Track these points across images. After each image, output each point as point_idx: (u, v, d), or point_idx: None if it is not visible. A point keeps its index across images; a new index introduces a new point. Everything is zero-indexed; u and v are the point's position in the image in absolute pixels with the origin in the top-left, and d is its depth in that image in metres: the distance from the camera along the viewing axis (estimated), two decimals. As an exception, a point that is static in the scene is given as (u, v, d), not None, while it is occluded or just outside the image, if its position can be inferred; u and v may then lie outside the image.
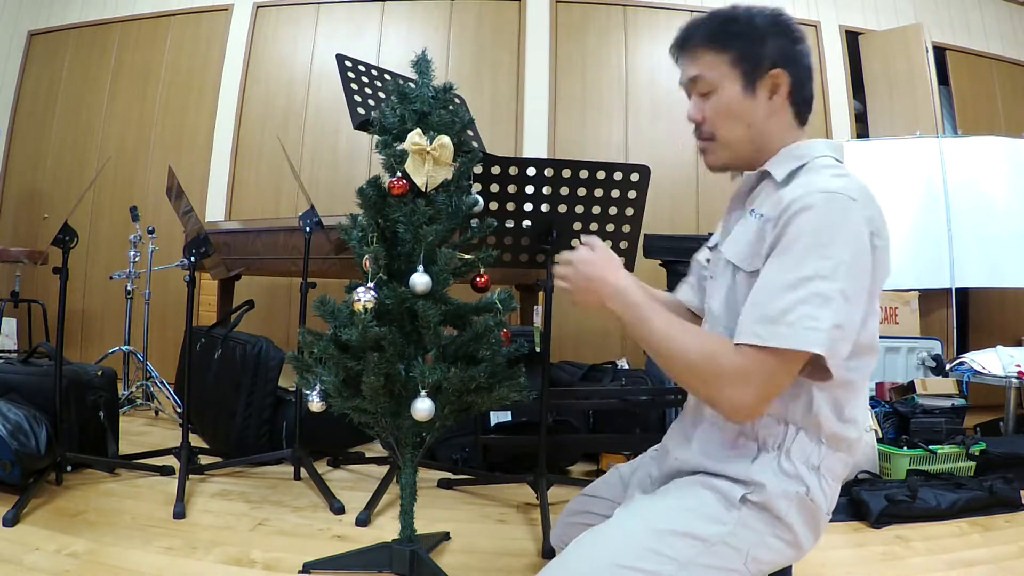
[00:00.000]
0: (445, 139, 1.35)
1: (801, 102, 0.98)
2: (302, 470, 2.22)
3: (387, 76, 2.38)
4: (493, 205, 1.93)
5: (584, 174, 1.93)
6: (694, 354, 0.85)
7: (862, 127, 4.27)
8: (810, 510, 0.90)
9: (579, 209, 1.97)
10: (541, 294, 2.96)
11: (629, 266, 2.11)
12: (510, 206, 1.95)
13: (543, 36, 4.19)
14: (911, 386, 2.70)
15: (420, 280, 1.31)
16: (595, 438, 2.48)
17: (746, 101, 0.96)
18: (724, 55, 0.96)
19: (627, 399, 2.36)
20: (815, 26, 4.28)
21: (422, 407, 1.28)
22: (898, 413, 2.47)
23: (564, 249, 2.03)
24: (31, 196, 4.38)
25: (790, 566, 1.14)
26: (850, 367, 0.87)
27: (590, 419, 2.49)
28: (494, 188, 1.91)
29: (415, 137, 1.34)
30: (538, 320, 1.89)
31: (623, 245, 2.06)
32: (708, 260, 1.14)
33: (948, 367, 3.10)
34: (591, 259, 0.99)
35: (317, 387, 1.35)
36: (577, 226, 2.00)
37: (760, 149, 0.98)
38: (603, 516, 0.98)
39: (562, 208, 1.96)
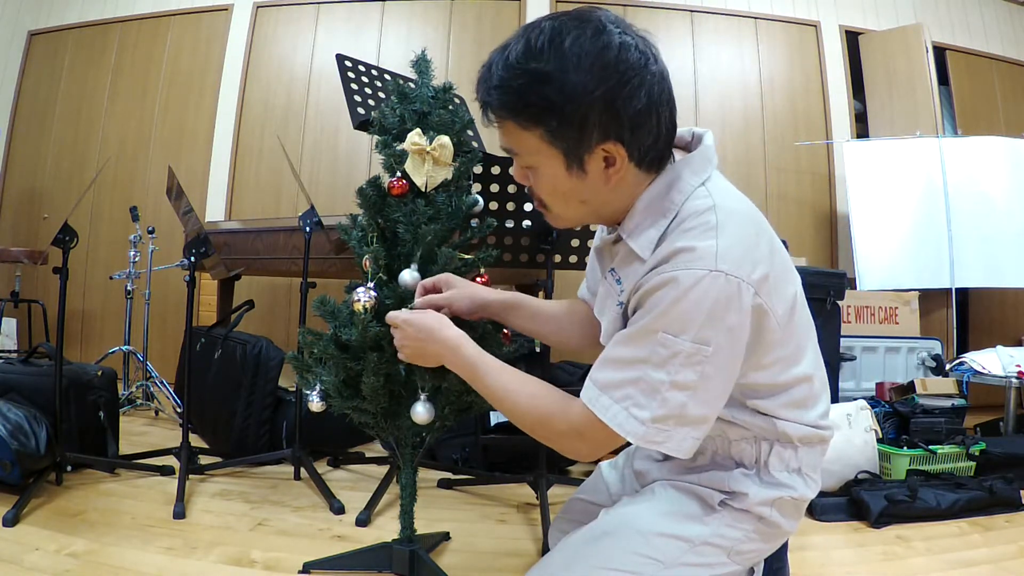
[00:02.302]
0: (445, 139, 1.35)
1: (651, 160, 0.81)
2: (302, 470, 2.22)
3: (387, 76, 2.38)
4: (493, 205, 1.93)
5: (584, 174, 1.92)
6: (530, 418, 0.87)
7: (862, 127, 4.27)
8: (793, 505, 0.90)
9: (579, 209, 1.96)
10: (541, 294, 2.96)
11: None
12: (510, 206, 1.95)
13: (543, 36, 4.19)
14: (911, 386, 2.70)
15: (409, 277, 1.28)
16: (595, 438, 2.48)
17: (573, 180, 0.81)
18: (536, 130, 0.78)
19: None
20: (815, 26, 4.29)
21: (422, 411, 1.27)
22: (898, 413, 2.47)
23: (564, 248, 2.04)
24: (31, 196, 4.38)
25: (787, 567, 1.15)
26: (789, 367, 0.86)
27: (590, 419, 2.49)
28: (494, 188, 1.91)
29: (415, 137, 1.34)
30: (538, 320, 1.89)
31: (623, 245, 2.06)
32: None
33: (948, 367, 3.10)
34: (419, 318, 0.98)
35: (317, 387, 1.34)
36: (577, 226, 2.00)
37: (609, 213, 0.87)
38: (589, 520, 0.99)
39: (562, 208, 1.95)
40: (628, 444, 0.84)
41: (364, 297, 1.27)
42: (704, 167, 0.84)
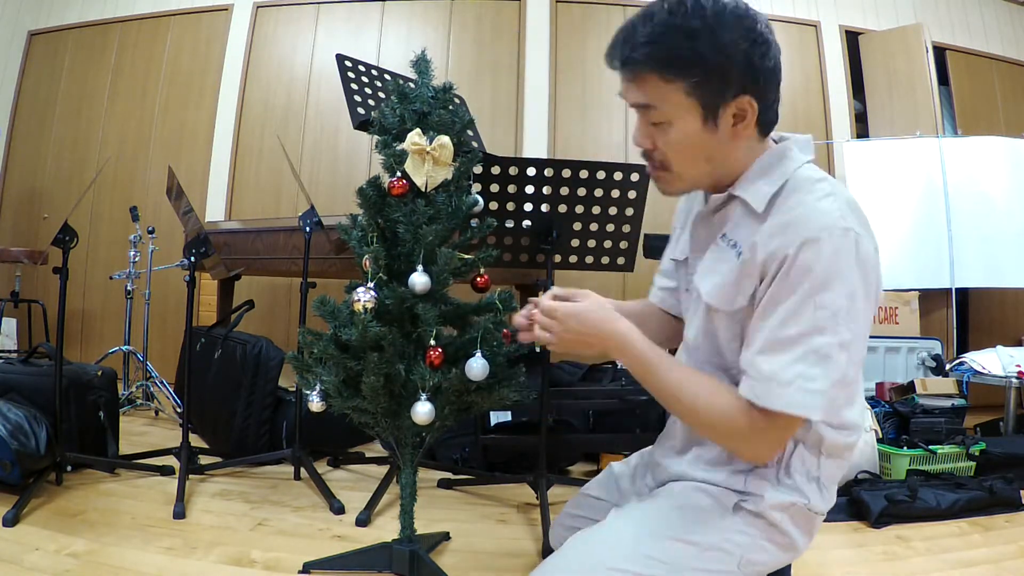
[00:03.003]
0: (445, 139, 1.35)
1: (768, 122, 0.86)
2: (302, 470, 2.21)
3: (387, 76, 2.38)
4: (493, 205, 1.93)
5: (584, 174, 1.93)
6: (709, 414, 0.84)
7: (862, 127, 4.27)
8: (807, 517, 0.90)
9: (579, 209, 1.97)
10: (541, 294, 2.96)
11: (629, 266, 2.11)
12: (510, 206, 1.94)
13: (543, 36, 4.19)
14: (911, 386, 2.70)
15: (419, 280, 1.31)
16: (595, 438, 2.48)
17: (706, 134, 0.83)
18: (680, 83, 0.80)
19: (627, 399, 2.36)
20: (815, 26, 4.28)
21: (422, 411, 1.28)
22: (898, 413, 2.47)
23: (564, 248, 2.04)
24: (31, 196, 4.38)
25: (788, 565, 1.14)
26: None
27: (590, 419, 2.49)
28: (494, 188, 1.91)
29: (415, 137, 1.34)
30: (538, 320, 1.88)
31: (623, 245, 2.06)
32: (676, 265, 1.07)
33: (948, 367, 3.10)
34: (583, 312, 0.90)
35: (317, 387, 1.35)
36: (577, 226, 2.00)
37: (724, 176, 0.89)
38: (597, 517, 0.98)
39: (562, 208, 1.96)
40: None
41: (364, 297, 1.27)
42: (808, 149, 0.90)
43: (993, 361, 2.96)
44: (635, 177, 1.95)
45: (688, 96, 0.82)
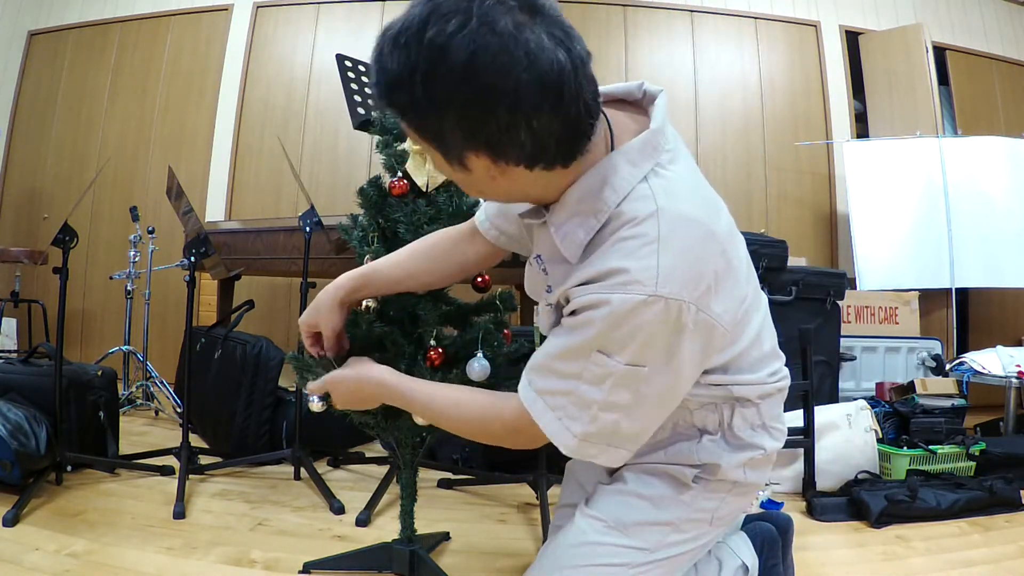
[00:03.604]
0: (445, 139, 1.35)
1: (546, 158, 0.69)
2: (302, 470, 2.21)
3: (387, 76, 2.38)
4: (493, 205, 1.93)
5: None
6: (467, 427, 0.89)
7: (862, 127, 4.27)
8: (765, 460, 0.92)
9: (579, 209, 1.96)
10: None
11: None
12: (510, 206, 1.94)
13: (543, 36, 4.18)
14: (911, 386, 2.70)
15: None
16: (595, 438, 2.48)
17: (460, 174, 0.73)
18: (402, 121, 0.70)
19: (627, 399, 2.35)
20: (815, 26, 4.29)
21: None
22: (898, 413, 2.47)
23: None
24: (31, 196, 4.38)
25: (791, 562, 1.15)
26: (741, 344, 0.85)
27: (590, 419, 2.49)
28: (494, 188, 1.91)
29: (415, 137, 1.34)
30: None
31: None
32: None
33: (948, 367, 3.10)
34: (340, 375, 1.00)
35: (317, 387, 1.34)
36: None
37: (534, 199, 0.79)
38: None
39: (562, 208, 1.95)
40: None
41: (365, 297, 1.27)
42: (647, 156, 0.74)
43: (993, 361, 2.96)
44: (635, 177, 1.95)
45: (422, 140, 0.73)
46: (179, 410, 2.98)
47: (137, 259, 3.30)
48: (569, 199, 0.74)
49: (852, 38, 4.30)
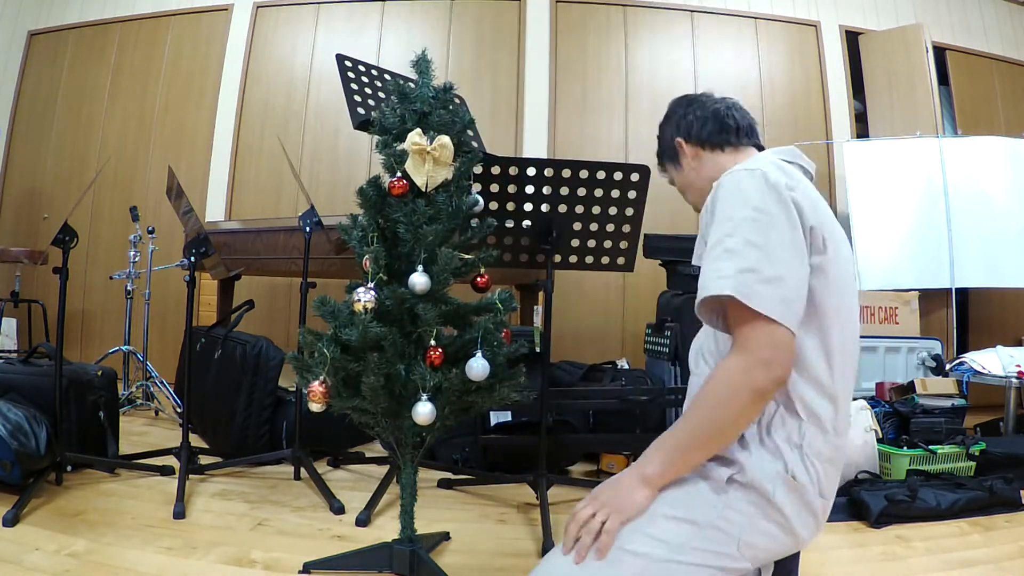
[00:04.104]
0: (445, 139, 1.35)
1: (708, 138, 1.16)
2: (302, 470, 2.22)
3: (387, 76, 2.38)
4: (493, 205, 1.93)
5: (584, 174, 1.93)
6: (718, 412, 0.87)
7: (862, 127, 4.27)
8: (797, 491, 0.90)
9: (579, 209, 1.97)
10: (541, 294, 2.96)
11: (629, 266, 2.11)
12: (510, 206, 1.95)
13: (543, 36, 4.19)
14: (911, 386, 2.70)
15: (420, 280, 1.31)
16: (595, 438, 2.48)
17: (681, 175, 1.21)
18: (664, 163, 1.26)
19: (627, 399, 2.36)
20: (815, 26, 4.29)
21: (423, 411, 1.28)
22: (898, 413, 2.47)
23: (564, 248, 2.04)
24: (31, 196, 4.38)
25: (796, 564, 1.14)
26: (807, 334, 0.91)
27: (590, 419, 2.49)
28: (494, 188, 1.91)
29: (415, 137, 1.34)
30: (538, 320, 1.89)
31: (623, 245, 2.06)
32: None
33: (948, 367, 3.10)
34: (598, 493, 0.92)
35: (317, 387, 1.34)
36: (577, 226, 2.00)
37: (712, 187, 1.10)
38: None
39: (562, 208, 1.96)
40: None
41: (364, 297, 1.27)
42: (784, 155, 1.07)
43: (993, 361, 2.96)
44: (635, 177, 1.95)
45: (668, 163, 1.25)
46: (179, 410, 2.98)
47: (137, 259, 3.30)
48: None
49: (852, 38, 4.30)
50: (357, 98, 2.21)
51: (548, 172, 1.91)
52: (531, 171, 1.90)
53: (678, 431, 0.91)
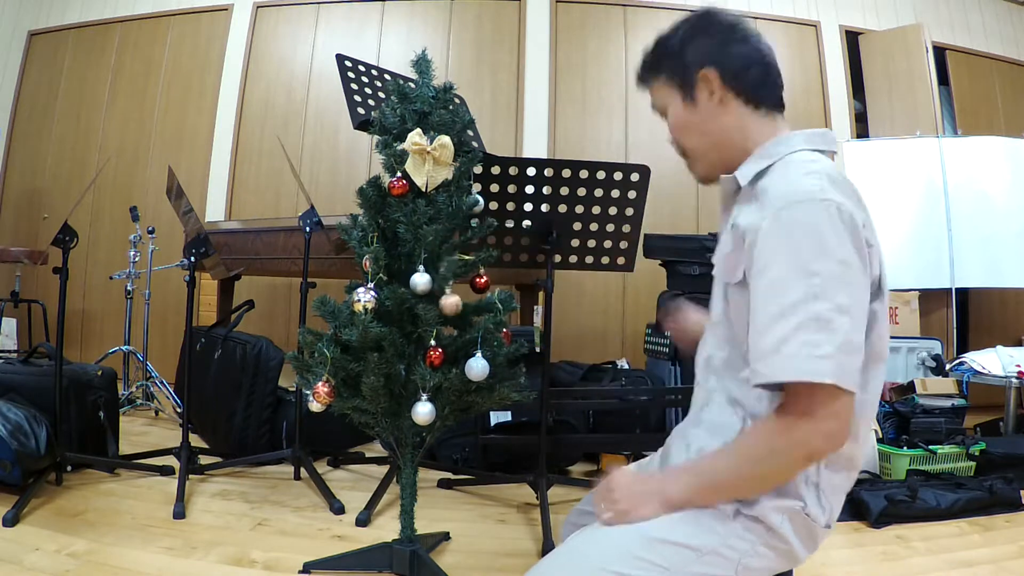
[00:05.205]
0: (445, 139, 1.35)
1: (749, 87, 0.93)
2: (302, 470, 2.21)
3: (387, 76, 2.38)
4: (493, 205, 1.93)
5: (584, 174, 1.93)
6: (748, 469, 0.83)
7: (862, 127, 4.27)
8: (806, 524, 0.88)
9: (579, 209, 1.97)
10: (541, 294, 2.96)
11: (629, 266, 2.11)
12: (510, 206, 1.94)
13: (543, 36, 4.19)
14: (911, 386, 2.70)
15: (420, 280, 1.31)
16: (595, 438, 2.48)
17: (688, 110, 0.96)
18: (660, 77, 0.99)
19: (627, 399, 2.36)
20: (815, 26, 4.28)
21: (422, 411, 1.28)
22: (898, 413, 2.47)
23: (564, 249, 2.04)
24: (31, 196, 4.38)
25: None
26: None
27: (590, 419, 2.49)
28: (494, 188, 1.91)
29: (415, 137, 1.34)
30: (538, 320, 1.89)
31: (623, 245, 2.06)
32: None
33: (948, 367, 3.10)
34: (619, 476, 0.92)
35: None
36: (577, 226, 2.00)
37: (728, 151, 0.95)
38: None
39: (562, 208, 1.96)
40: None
41: (364, 297, 1.27)
42: (817, 141, 0.91)
43: (993, 361, 2.96)
44: (635, 177, 1.95)
45: (667, 85, 0.98)
46: (179, 410, 2.98)
47: (137, 259, 3.30)
48: (753, 155, 0.93)
49: (852, 38, 4.30)
50: (357, 98, 2.21)
51: (548, 172, 1.91)
52: (531, 171, 1.90)
53: (718, 471, 0.85)
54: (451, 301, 1.31)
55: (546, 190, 1.94)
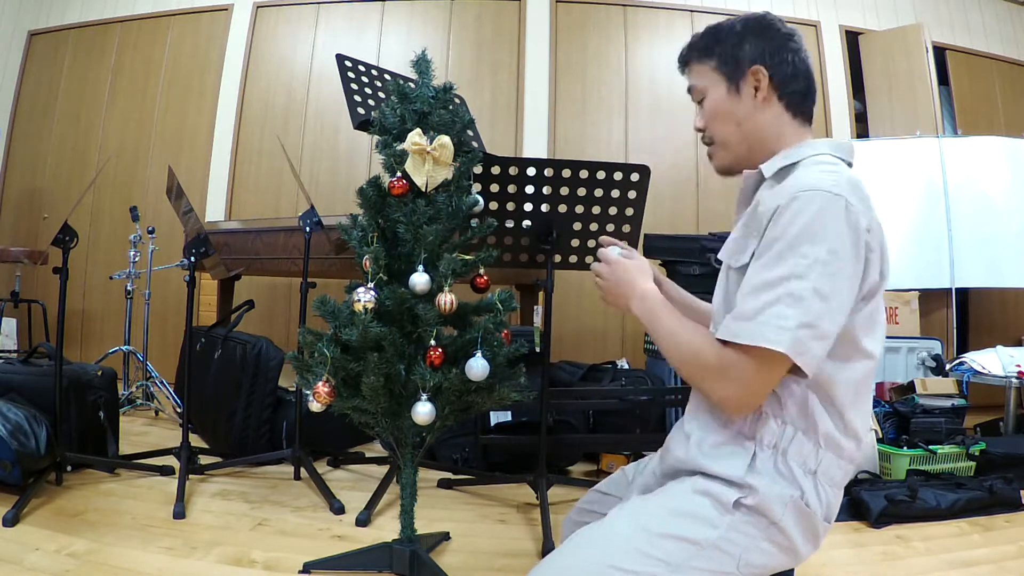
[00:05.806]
0: (445, 139, 1.35)
1: (791, 95, 0.99)
2: (302, 470, 2.22)
3: (387, 76, 2.38)
4: (493, 205, 1.93)
5: (584, 174, 1.93)
6: (684, 351, 0.90)
7: (862, 127, 4.27)
8: (806, 516, 0.89)
9: (579, 209, 1.97)
10: (541, 294, 2.96)
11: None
12: (510, 206, 1.95)
13: (543, 36, 4.19)
14: (911, 386, 2.70)
15: (420, 280, 1.31)
16: (595, 438, 2.48)
17: (731, 100, 1.00)
18: (709, 62, 1.03)
19: (627, 399, 2.36)
20: (815, 26, 4.28)
21: (422, 411, 1.28)
22: (898, 413, 2.47)
23: (564, 249, 2.04)
24: (31, 196, 4.38)
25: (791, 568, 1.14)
26: (841, 367, 0.88)
27: (590, 419, 2.49)
28: (494, 188, 1.91)
29: (415, 137, 1.34)
30: (538, 320, 1.89)
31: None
32: None
33: (948, 367, 3.10)
34: (626, 265, 1.05)
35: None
36: (577, 226, 2.00)
37: (756, 147, 1.00)
38: (605, 512, 0.98)
39: (562, 208, 1.96)
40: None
41: (364, 297, 1.27)
42: (841, 150, 0.99)
43: (993, 361, 2.96)
44: (635, 177, 1.95)
45: (715, 72, 1.02)
46: (179, 410, 2.98)
47: (137, 259, 3.30)
48: (779, 155, 0.98)
49: (852, 38, 4.30)
50: (357, 98, 2.21)
51: (548, 172, 1.91)
52: (531, 171, 1.90)
53: (664, 328, 0.95)
54: (446, 299, 1.31)
55: (546, 190, 1.94)
